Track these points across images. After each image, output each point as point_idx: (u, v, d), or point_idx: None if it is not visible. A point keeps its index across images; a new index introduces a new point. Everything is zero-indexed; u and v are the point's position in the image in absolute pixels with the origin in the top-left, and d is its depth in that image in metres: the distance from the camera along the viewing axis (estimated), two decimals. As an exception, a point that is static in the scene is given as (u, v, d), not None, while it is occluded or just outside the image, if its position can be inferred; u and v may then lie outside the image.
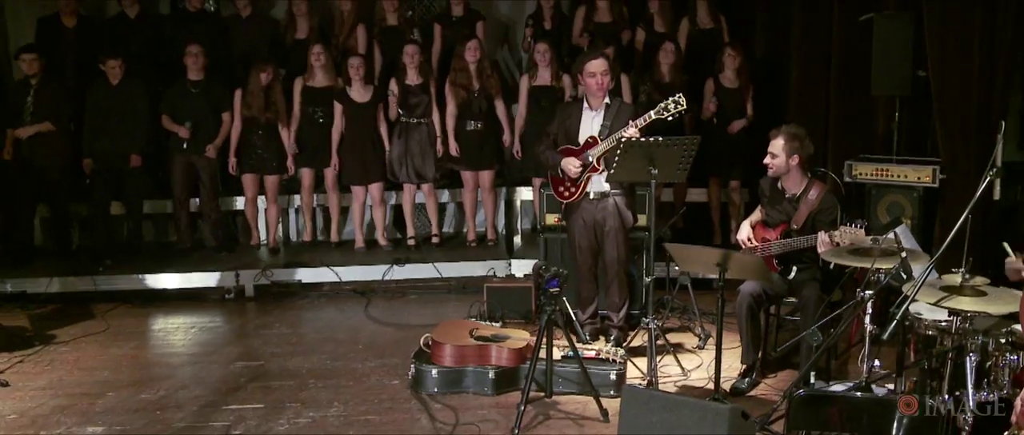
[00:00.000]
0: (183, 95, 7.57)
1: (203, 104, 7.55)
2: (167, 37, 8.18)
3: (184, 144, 7.49)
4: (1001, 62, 5.39)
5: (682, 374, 5.40)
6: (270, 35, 8.29)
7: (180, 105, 7.55)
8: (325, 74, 7.56)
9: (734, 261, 4.64)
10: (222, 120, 7.63)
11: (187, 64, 7.52)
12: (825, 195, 5.09)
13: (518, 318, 6.29)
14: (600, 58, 5.56)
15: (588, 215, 5.69)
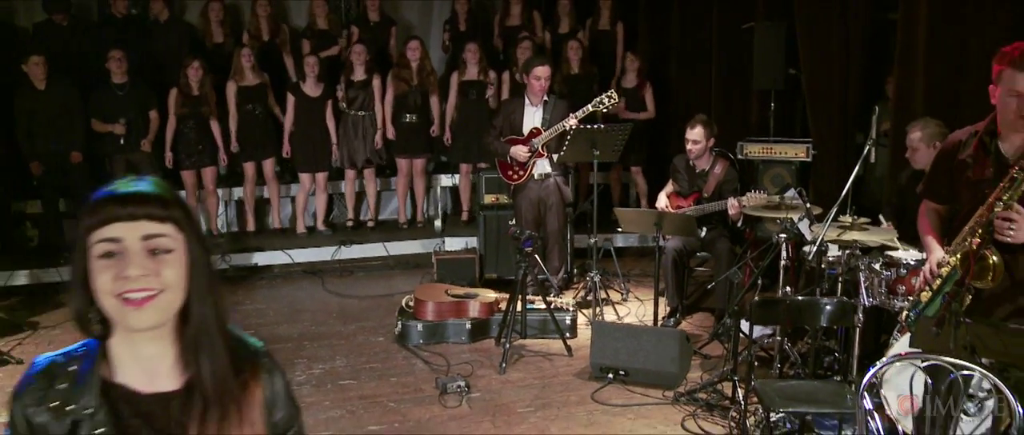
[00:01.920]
0: (109, 97, 7.94)
1: (130, 105, 7.96)
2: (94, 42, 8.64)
3: (121, 140, 7.90)
4: (855, 63, 6.84)
5: (618, 318, 6.58)
6: (189, 38, 8.89)
7: (107, 107, 7.93)
8: (254, 73, 8.28)
9: (668, 220, 5.84)
10: (149, 118, 8.05)
11: (111, 68, 7.92)
12: (728, 169, 6.38)
13: (465, 284, 7.31)
14: (546, 66, 6.66)
15: (533, 193, 6.79)
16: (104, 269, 1.49)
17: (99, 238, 1.50)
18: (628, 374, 5.32)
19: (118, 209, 1.50)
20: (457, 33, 9.06)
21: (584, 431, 4.75)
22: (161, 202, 1.53)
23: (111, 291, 1.48)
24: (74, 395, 1.51)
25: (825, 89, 6.84)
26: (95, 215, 1.50)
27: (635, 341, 5.34)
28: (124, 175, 5.43)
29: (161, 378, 1.58)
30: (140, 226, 1.50)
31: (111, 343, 1.56)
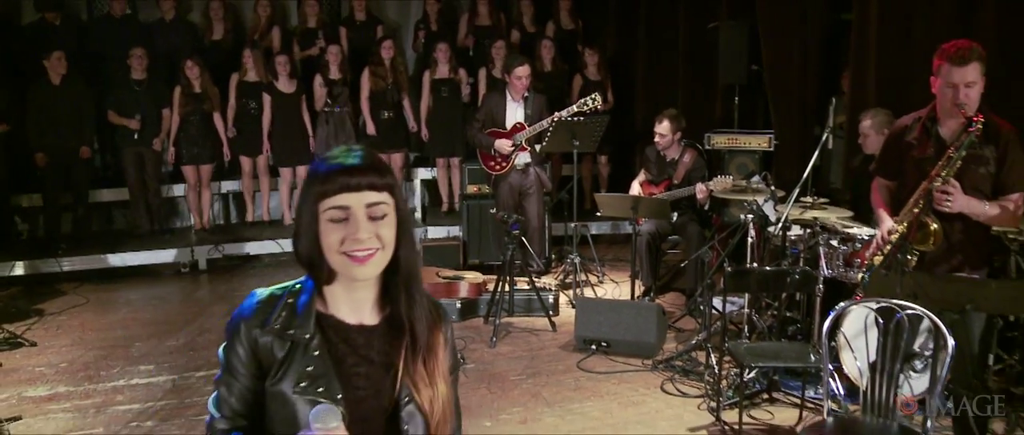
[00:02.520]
0: (128, 93, 8.36)
1: (147, 100, 8.40)
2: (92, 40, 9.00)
3: (135, 135, 8.30)
4: (812, 61, 7.39)
5: (595, 297, 7.07)
6: (191, 37, 9.27)
7: (125, 102, 8.34)
8: (256, 71, 8.66)
9: (643, 204, 6.34)
10: (162, 116, 8.48)
11: (132, 65, 8.31)
12: (696, 158, 6.89)
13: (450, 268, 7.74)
14: (526, 65, 7.13)
15: (514, 183, 7.25)
16: (334, 231, 1.79)
17: (330, 205, 1.78)
18: (610, 345, 5.81)
19: (347, 180, 1.78)
20: (429, 33, 9.50)
21: (573, 394, 5.23)
22: (379, 173, 1.82)
23: (339, 249, 1.80)
24: (293, 321, 1.83)
25: (785, 84, 7.39)
26: (327, 184, 1.78)
27: (616, 315, 5.84)
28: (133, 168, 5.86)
29: (365, 314, 1.90)
30: (364, 196, 1.79)
31: (328, 286, 1.88)
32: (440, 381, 1.89)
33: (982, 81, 3.69)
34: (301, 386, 1.79)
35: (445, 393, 1.90)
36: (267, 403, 1.83)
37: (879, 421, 3.25)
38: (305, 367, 1.80)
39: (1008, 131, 3.80)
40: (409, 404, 1.83)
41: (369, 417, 1.81)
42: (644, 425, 4.82)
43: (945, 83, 3.71)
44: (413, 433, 1.83)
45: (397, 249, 1.83)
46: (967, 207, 3.69)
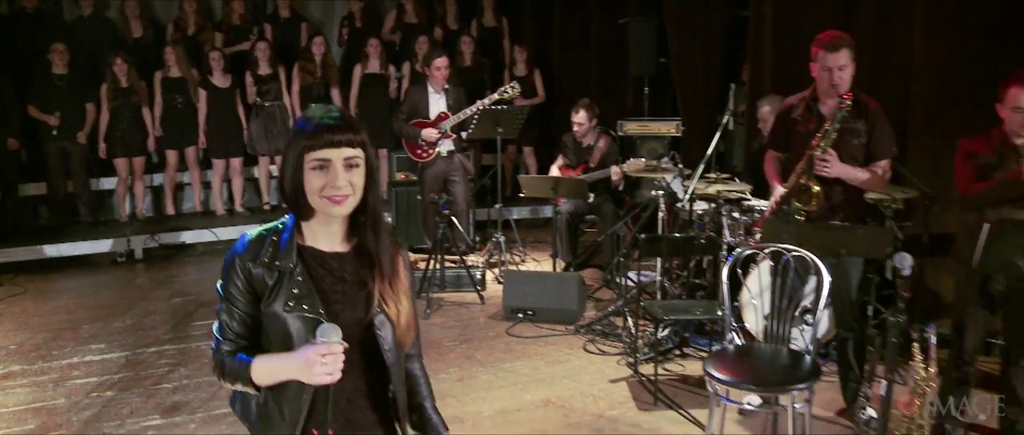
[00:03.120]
0: (49, 88, 8.51)
1: (69, 95, 8.55)
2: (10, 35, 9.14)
3: (53, 131, 8.46)
4: (715, 53, 8.04)
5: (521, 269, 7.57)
6: (111, 33, 9.49)
7: (46, 97, 8.47)
8: (180, 67, 8.92)
9: (563, 184, 6.86)
10: (86, 110, 8.67)
11: (52, 60, 8.48)
12: (610, 143, 7.46)
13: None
14: (444, 56, 7.59)
15: (439, 170, 7.71)
16: (316, 178, 2.15)
17: (314, 157, 2.12)
18: (536, 313, 6.32)
19: (330, 137, 2.12)
20: (354, 29, 9.90)
21: (503, 355, 5.73)
22: (354, 132, 2.15)
23: (320, 193, 2.16)
24: (279, 254, 2.21)
25: (690, 75, 8.03)
26: (312, 140, 2.12)
27: (540, 285, 6.36)
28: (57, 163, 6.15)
29: (338, 243, 2.28)
30: (342, 151, 2.12)
31: (306, 221, 2.24)
32: (403, 297, 2.31)
33: (852, 65, 4.32)
34: (290, 305, 2.17)
35: (407, 306, 2.31)
36: (264, 322, 2.22)
37: (772, 347, 3.83)
38: (292, 290, 2.18)
39: (876, 108, 4.45)
40: (380, 315, 2.24)
41: (348, 325, 2.19)
42: (570, 379, 5.34)
43: (822, 67, 4.34)
44: (384, 337, 2.24)
45: (366, 193, 2.22)
46: (843, 172, 4.32)
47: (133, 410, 4.96)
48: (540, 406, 4.97)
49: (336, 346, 2.07)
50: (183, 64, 8.93)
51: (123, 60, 8.61)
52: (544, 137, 9.51)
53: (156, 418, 4.85)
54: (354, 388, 2.24)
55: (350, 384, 2.22)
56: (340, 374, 2.08)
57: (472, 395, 5.13)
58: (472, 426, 4.72)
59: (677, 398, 4.98)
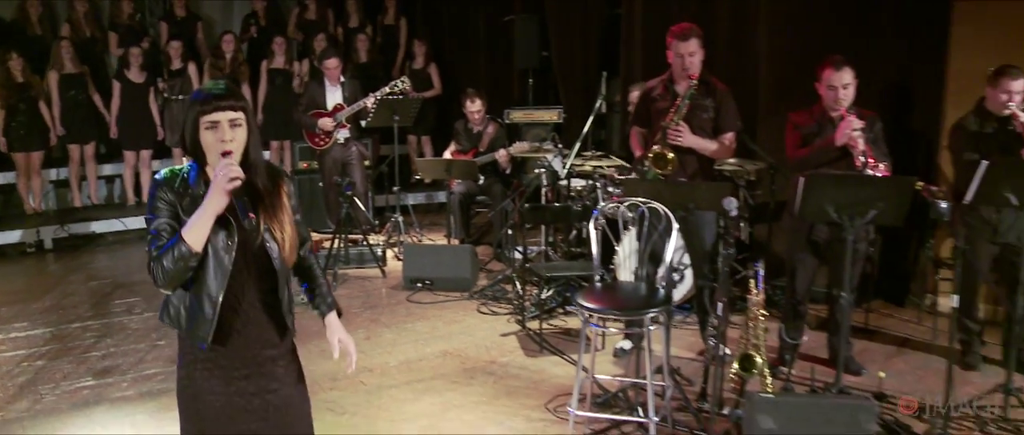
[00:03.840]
0: None
1: None
2: None
3: None
4: (592, 47, 8.82)
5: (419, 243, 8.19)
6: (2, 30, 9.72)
7: None
8: (74, 64, 9.24)
9: (456, 166, 7.51)
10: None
11: None
12: (498, 129, 8.14)
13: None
14: (334, 58, 8.17)
15: (337, 156, 8.28)
16: (209, 135, 2.72)
17: (206, 120, 2.71)
18: (433, 283, 6.96)
19: (218, 103, 2.73)
20: (259, 27, 10.36)
21: (405, 318, 6.36)
22: (236, 99, 2.77)
23: (214, 148, 2.73)
24: (188, 187, 2.75)
25: (570, 67, 8.79)
26: (205, 105, 2.73)
27: (437, 256, 7.01)
28: None
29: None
30: (227, 113, 2.70)
31: (205, 166, 2.81)
32: (286, 222, 2.86)
33: (701, 52, 5.12)
34: None
35: (290, 229, 2.86)
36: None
37: (633, 283, 4.55)
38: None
39: (723, 89, 5.26)
40: (268, 235, 2.80)
41: (246, 241, 2.76)
42: (465, 335, 6.00)
43: (675, 54, 5.12)
44: (274, 255, 2.80)
45: (247, 145, 2.79)
46: (694, 142, 5.10)
47: (66, 375, 5.40)
48: (439, 356, 5.62)
49: (233, 166, 2.63)
50: (77, 61, 9.21)
51: (18, 55, 8.84)
52: (439, 127, 10.14)
53: (89, 380, 5.31)
54: (252, 293, 2.82)
55: (249, 291, 2.81)
56: (243, 175, 2.66)
57: (379, 350, 5.74)
58: (380, 374, 5.32)
59: (559, 346, 5.69)
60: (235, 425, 2.82)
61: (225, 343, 2.78)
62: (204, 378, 2.81)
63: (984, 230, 5.16)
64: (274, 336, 2.88)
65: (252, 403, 2.84)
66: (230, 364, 2.81)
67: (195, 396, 2.83)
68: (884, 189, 4.37)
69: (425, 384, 5.18)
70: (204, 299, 2.72)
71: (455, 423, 4.65)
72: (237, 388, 2.82)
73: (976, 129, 5.17)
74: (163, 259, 2.64)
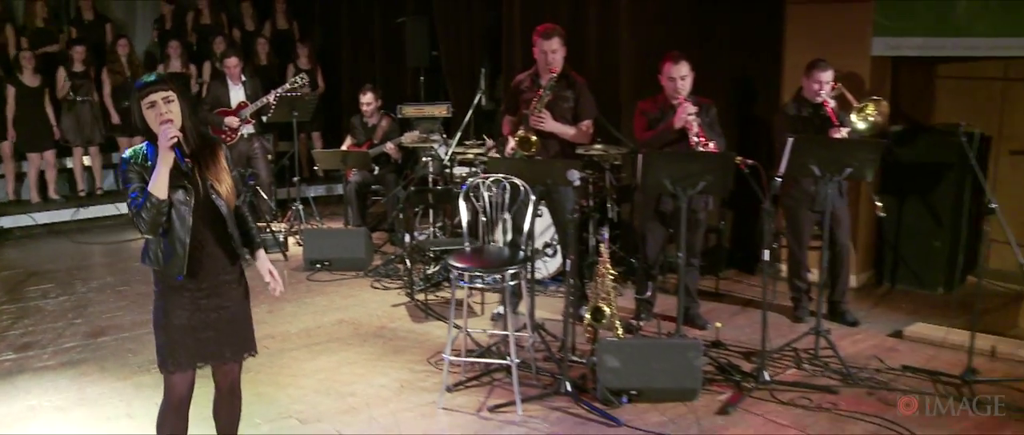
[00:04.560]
0: None
1: None
2: None
3: None
4: (477, 46, 9.54)
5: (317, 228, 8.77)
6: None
7: None
8: None
9: (351, 157, 8.13)
10: None
11: None
12: (391, 123, 8.79)
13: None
14: (233, 57, 8.72)
15: (242, 150, 8.81)
16: (150, 113, 3.39)
17: (146, 101, 3.39)
18: (331, 263, 7.58)
19: (152, 88, 3.41)
20: (164, 31, 10.80)
21: (305, 294, 6.97)
22: (165, 83, 3.46)
23: (155, 121, 3.39)
24: (148, 158, 3.41)
25: (458, 65, 9.50)
26: (143, 92, 3.40)
27: (334, 239, 7.64)
28: None
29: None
30: (161, 93, 3.40)
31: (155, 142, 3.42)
32: (225, 177, 3.56)
33: (562, 49, 5.86)
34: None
35: (229, 182, 3.57)
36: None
37: (497, 247, 5.28)
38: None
39: (581, 82, 6.02)
40: (213, 189, 3.50)
41: (200, 197, 3.46)
42: (359, 306, 6.66)
43: (540, 51, 5.85)
44: (219, 205, 3.50)
45: (183, 119, 3.47)
46: (555, 128, 5.84)
47: (-13, 350, 5.86)
48: (335, 324, 6.26)
49: (170, 128, 3.33)
50: None
51: None
52: (330, 124, 10.75)
53: (10, 354, 5.79)
54: (209, 234, 3.54)
55: (206, 233, 3.53)
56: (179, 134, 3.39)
57: (280, 321, 6.36)
58: (281, 340, 5.95)
59: (443, 313, 6.37)
60: (197, 333, 3.58)
61: (193, 274, 3.50)
62: (175, 300, 3.54)
63: (804, 200, 6.04)
64: (228, 264, 3.64)
65: (210, 317, 3.59)
66: (196, 288, 3.54)
67: (167, 313, 3.55)
68: (710, 164, 5.18)
69: (322, 346, 5.82)
70: (176, 243, 3.44)
71: (347, 376, 5.30)
72: (199, 306, 3.57)
73: (794, 114, 6.04)
74: (141, 212, 3.36)
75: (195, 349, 3.60)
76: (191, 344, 3.58)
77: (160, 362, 3.63)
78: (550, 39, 5.85)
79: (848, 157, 5.29)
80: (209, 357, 3.66)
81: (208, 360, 3.67)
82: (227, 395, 3.87)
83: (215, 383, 3.82)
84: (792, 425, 4.66)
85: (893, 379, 5.23)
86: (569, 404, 4.87)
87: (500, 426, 4.65)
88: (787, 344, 5.59)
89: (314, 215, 9.47)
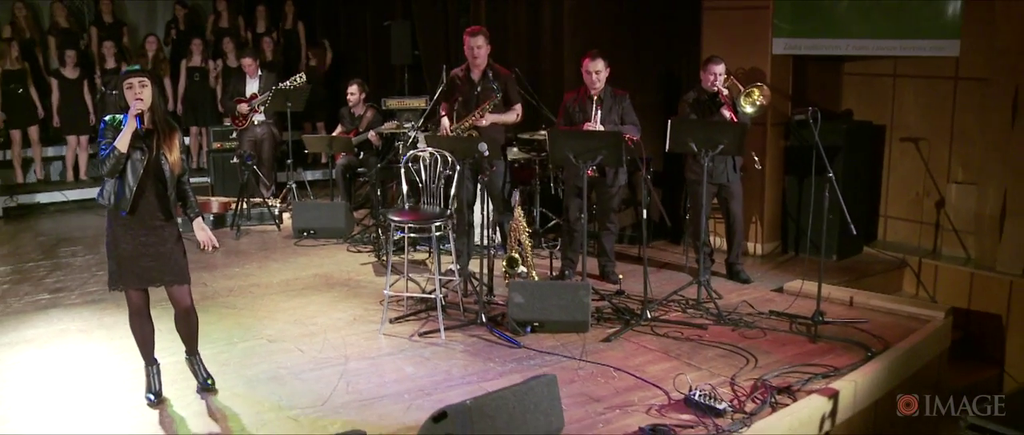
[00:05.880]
0: None
1: None
2: None
3: None
4: (453, 46, 10.78)
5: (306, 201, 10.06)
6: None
7: None
8: (17, 62, 10.90)
9: (336, 142, 9.40)
10: None
11: None
12: (375, 114, 10.05)
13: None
14: (249, 58, 10.08)
15: (254, 135, 10.12)
16: (129, 93, 4.64)
17: (125, 84, 4.65)
18: (316, 232, 8.85)
19: (131, 75, 4.68)
20: (179, 31, 12.15)
21: (293, 257, 8.25)
22: (142, 71, 4.76)
23: (131, 99, 4.64)
24: (122, 124, 4.64)
25: (435, 63, 10.71)
26: (125, 78, 4.68)
27: (318, 211, 8.94)
28: None
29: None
30: (138, 78, 4.67)
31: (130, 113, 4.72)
32: (175, 149, 4.77)
33: (487, 47, 7.08)
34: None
35: (177, 154, 4.77)
36: None
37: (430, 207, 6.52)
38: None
39: (505, 74, 7.25)
40: (163, 156, 4.73)
41: (151, 158, 4.68)
42: (334, 265, 7.94)
43: (467, 47, 7.09)
44: (164, 167, 4.71)
45: (153, 99, 4.72)
46: (493, 119, 7.05)
47: (27, 292, 7.19)
48: (310, 276, 7.55)
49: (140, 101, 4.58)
50: (20, 58, 10.87)
51: None
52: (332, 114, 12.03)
53: (45, 295, 7.13)
54: (151, 187, 4.74)
55: (150, 186, 4.72)
56: (146, 105, 4.64)
57: (266, 274, 7.65)
58: (264, 287, 7.22)
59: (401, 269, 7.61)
60: (138, 262, 4.79)
61: (134, 213, 4.72)
62: (121, 234, 4.77)
63: (703, 175, 7.21)
64: (161, 215, 4.82)
65: (148, 249, 4.80)
66: (136, 226, 4.76)
67: (115, 244, 4.79)
68: (603, 141, 6.38)
69: (297, 292, 7.10)
70: (125, 187, 4.67)
71: (312, 312, 6.58)
72: (139, 241, 4.78)
73: (693, 100, 7.23)
74: (106, 159, 4.60)
75: (138, 273, 4.78)
76: (134, 270, 4.76)
77: (110, 282, 4.88)
78: (475, 37, 7.10)
79: (719, 136, 6.49)
80: (151, 281, 4.83)
81: (150, 283, 4.85)
82: (183, 314, 5.02)
83: (173, 305, 5.00)
84: (659, 349, 5.84)
85: (757, 320, 6.41)
86: (484, 333, 6.09)
87: (425, 347, 5.88)
88: (674, 292, 6.79)
89: (309, 194, 10.76)
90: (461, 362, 5.60)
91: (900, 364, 5.78)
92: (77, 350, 5.89)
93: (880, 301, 6.81)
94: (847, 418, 5.26)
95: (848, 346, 5.88)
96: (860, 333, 6.14)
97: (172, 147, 4.77)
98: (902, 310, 6.64)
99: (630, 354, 5.78)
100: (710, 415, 4.77)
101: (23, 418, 4.83)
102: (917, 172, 8.41)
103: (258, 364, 5.56)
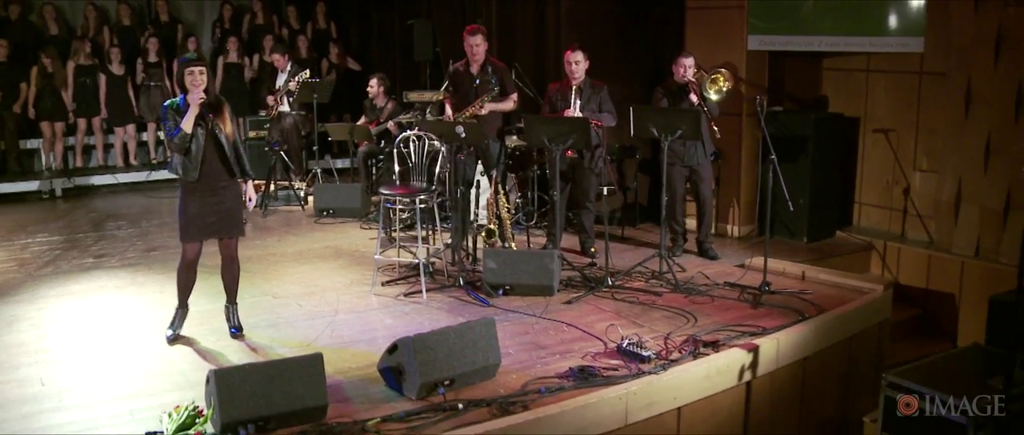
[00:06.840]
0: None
1: (5, 78, 11.55)
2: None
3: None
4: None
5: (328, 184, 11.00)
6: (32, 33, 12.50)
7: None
8: (87, 57, 12.00)
9: (357, 130, 10.30)
10: (20, 89, 11.62)
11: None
12: (396, 105, 10.94)
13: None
14: (278, 54, 11.03)
15: (283, 123, 11.08)
16: (188, 79, 5.56)
17: (186, 71, 5.59)
18: (334, 211, 9.77)
19: (191, 63, 5.61)
20: (223, 29, 13.20)
21: (312, 233, 9.18)
22: (200, 59, 5.79)
23: (191, 84, 5.56)
24: (180, 107, 5.60)
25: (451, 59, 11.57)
26: (184, 66, 5.63)
27: (337, 192, 9.86)
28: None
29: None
30: (196, 67, 5.59)
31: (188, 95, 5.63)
32: (228, 122, 5.73)
33: (485, 44, 7.90)
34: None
35: (231, 126, 5.74)
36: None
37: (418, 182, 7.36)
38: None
39: (501, 67, 8.06)
40: (217, 129, 5.68)
41: (209, 132, 5.63)
42: (345, 239, 8.85)
43: (467, 44, 7.92)
44: (221, 138, 5.67)
45: (208, 83, 5.64)
46: (491, 108, 7.88)
47: (75, 257, 8.22)
48: (322, 248, 8.47)
49: (200, 91, 5.50)
50: (89, 55, 12.00)
51: (47, 54, 11.64)
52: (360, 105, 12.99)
53: (90, 259, 8.15)
54: (213, 155, 5.68)
55: (211, 154, 5.67)
56: (205, 96, 5.54)
57: (284, 246, 8.59)
58: (280, 256, 8.16)
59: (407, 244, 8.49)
60: (204, 218, 5.74)
61: (200, 179, 5.66)
62: (190, 198, 5.72)
63: (675, 159, 7.94)
64: (225, 177, 5.77)
65: (212, 207, 5.75)
66: (203, 189, 5.70)
67: (185, 205, 5.73)
68: (572, 126, 7.17)
69: (307, 259, 8.02)
70: (192, 158, 5.62)
71: (317, 276, 7.48)
72: (205, 200, 5.72)
73: (664, 91, 7.97)
74: (174, 139, 5.56)
75: (202, 228, 5.73)
76: (200, 225, 5.71)
77: (181, 235, 5.80)
78: (474, 35, 7.92)
79: (677, 122, 7.22)
80: (212, 234, 5.81)
81: (211, 236, 5.82)
82: (228, 262, 6.00)
83: (221, 254, 5.99)
84: (612, 310, 6.62)
85: (710, 289, 7.13)
86: (462, 295, 6.93)
87: (408, 304, 6.75)
88: (638, 264, 7.54)
89: (334, 179, 11.70)
90: (435, 317, 6.44)
91: (829, 328, 6.44)
92: (112, 302, 6.88)
93: (828, 275, 7.48)
94: (770, 372, 5.97)
95: (785, 312, 6.56)
96: (801, 301, 6.81)
97: (225, 120, 5.72)
98: (846, 284, 7.30)
99: (584, 314, 6.56)
100: (635, 361, 5.54)
101: (66, 352, 5.79)
102: (887, 161, 9.03)
103: (260, 314, 6.46)
